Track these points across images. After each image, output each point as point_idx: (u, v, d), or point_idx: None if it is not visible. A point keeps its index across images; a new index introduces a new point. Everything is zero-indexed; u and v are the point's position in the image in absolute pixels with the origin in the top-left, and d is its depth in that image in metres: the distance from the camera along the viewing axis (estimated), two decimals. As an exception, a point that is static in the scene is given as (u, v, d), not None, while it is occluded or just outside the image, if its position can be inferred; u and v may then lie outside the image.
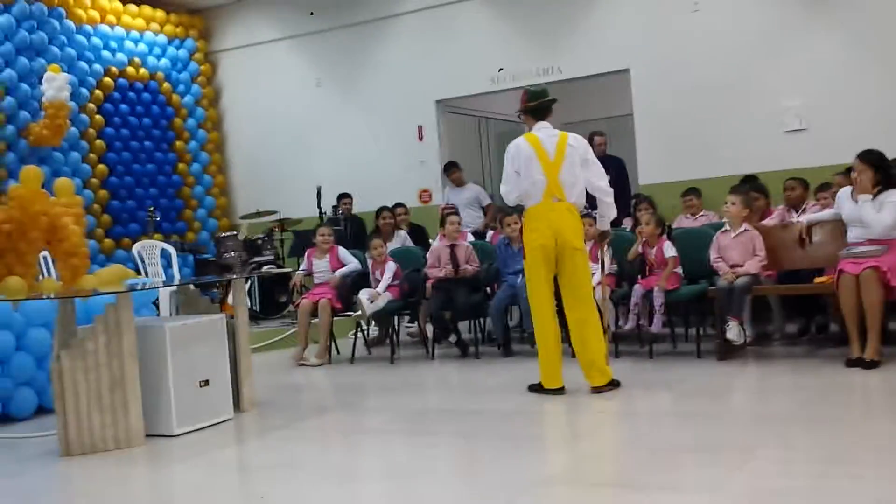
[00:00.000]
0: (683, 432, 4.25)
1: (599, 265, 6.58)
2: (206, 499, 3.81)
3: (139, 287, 5.80)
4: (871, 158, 5.59)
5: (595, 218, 6.60)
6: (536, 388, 5.39)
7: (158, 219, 10.53)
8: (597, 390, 5.20)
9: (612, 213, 5.60)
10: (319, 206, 10.04)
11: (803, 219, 6.02)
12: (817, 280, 5.81)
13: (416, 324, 8.20)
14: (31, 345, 5.92)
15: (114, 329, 4.82)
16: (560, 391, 5.28)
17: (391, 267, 7.47)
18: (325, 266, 7.70)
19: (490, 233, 8.35)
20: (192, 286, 6.23)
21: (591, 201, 5.75)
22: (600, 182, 5.42)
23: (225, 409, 5.34)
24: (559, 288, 5.41)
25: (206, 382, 5.22)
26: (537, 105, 5.49)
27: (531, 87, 5.73)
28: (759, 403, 4.92)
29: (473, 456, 4.25)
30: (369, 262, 7.76)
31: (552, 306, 5.33)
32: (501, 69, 9.94)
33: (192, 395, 5.11)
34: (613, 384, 5.25)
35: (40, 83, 9.57)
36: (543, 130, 5.42)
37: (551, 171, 5.27)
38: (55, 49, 10.00)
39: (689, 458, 3.78)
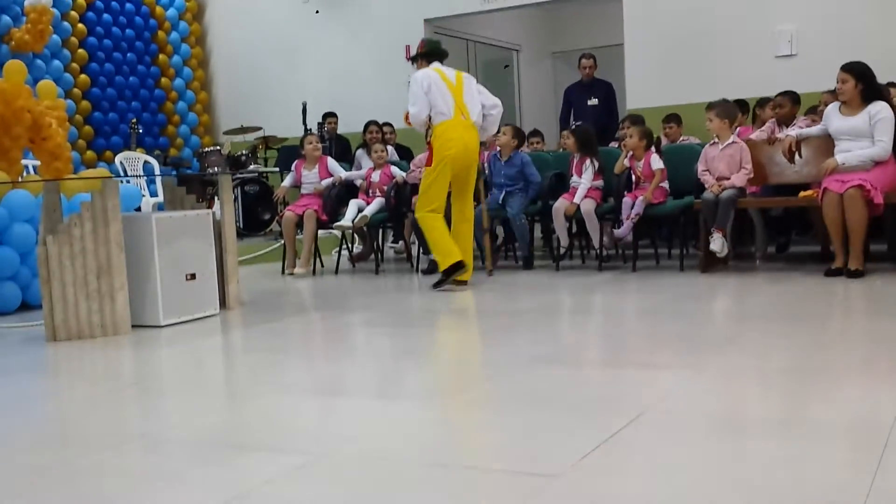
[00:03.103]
0: (666, 326, 4.31)
1: (583, 179, 6.66)
2: (197, 374, 3.84)
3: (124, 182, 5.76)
4: (854, 68, 5.60)
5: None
6: (440, 282, 5.89)
7: (141, 132, 10.42)
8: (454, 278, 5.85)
9: (494, 128, 6.37)
10: (305, 123, 9.95)
11: (792, 132, 6.02)
12: (802, 194, 5.85)
13: (400, 241, 8.23)
14: (14, 240, 5.89)
15: (100, 216, 4.79)
16: (460, 265, 5.80)
17: (395, 170, 7.55)
18: (314, 177, 7.64)
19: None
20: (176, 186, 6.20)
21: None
22: (490, 101, 6.15)
23: (211, 304, 5.36)
24: (451, 192, 6.05)
25: (193, 276, 5.23)
26: (431, 50, 6.17)
27: (428, 39, 6.41)
28: (740, 305, 4.99)
29: (459, 343, 4.30)
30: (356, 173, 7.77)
31: (443, 209, 5.96)
32: None
33: (179, 288, 5.12)
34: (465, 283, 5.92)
35: (22, -13, 9.37)
36: (441, 67, 6.06)
37: (457, 93, 5.95)
38: (38, -47, 9.74)
39: (672, 345, 3.84)
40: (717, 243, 5.89)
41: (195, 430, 2.85)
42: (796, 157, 5.96)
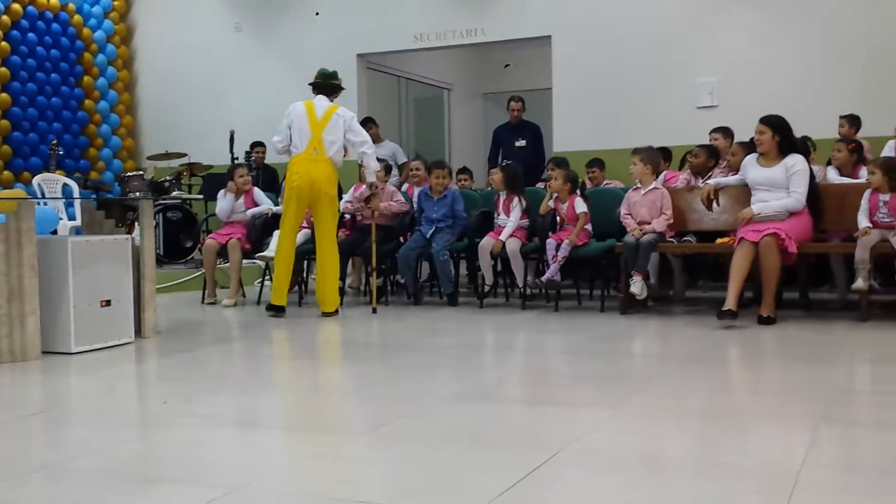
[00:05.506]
0: (586, 365, 4.36)
1: (511, 218, 6.73)
2: (107, 402, 3.72)
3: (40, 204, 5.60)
4: (771, 120, 5.81)
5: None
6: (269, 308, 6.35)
7: (61, 153, 10.15)
8: (326, 315, 6.23)
9: (374, 164, 6.47)
10: (232, 152, 9.86)
11: (711, 182, 6.19)
12: (719, 241, 6.01)
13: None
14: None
15: (14, 238, 4.64)
16: (282, 310, 6.27)
17: None
18: (241, 207, 7.56)
19: (405, 185, 8.35)
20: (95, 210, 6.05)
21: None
22: (358, 139, 6.30)
23: (126, 331, 5.20)
24: (314, 229, 6.39)
25: (108, 303, 5.08)
26: (321, 82, 6.41)
27: (324, 69, 6.50)
28: (658, 346, 5.08)
29: (379, 377, 4.26)
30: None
31: (293, 240, 6.34)
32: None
33: (93, 314, 4.97)
34: (337, 312, 6.28)
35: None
36: (319, 100, 6.31)
37: (317, 128, 6.16)
38: (-40, -32, 9.51)
39: (591, 384, 3.89)
40: (637, 286, 6.00)
41: (102, 461, 2.76)
42: (714, 205, 6.12)
